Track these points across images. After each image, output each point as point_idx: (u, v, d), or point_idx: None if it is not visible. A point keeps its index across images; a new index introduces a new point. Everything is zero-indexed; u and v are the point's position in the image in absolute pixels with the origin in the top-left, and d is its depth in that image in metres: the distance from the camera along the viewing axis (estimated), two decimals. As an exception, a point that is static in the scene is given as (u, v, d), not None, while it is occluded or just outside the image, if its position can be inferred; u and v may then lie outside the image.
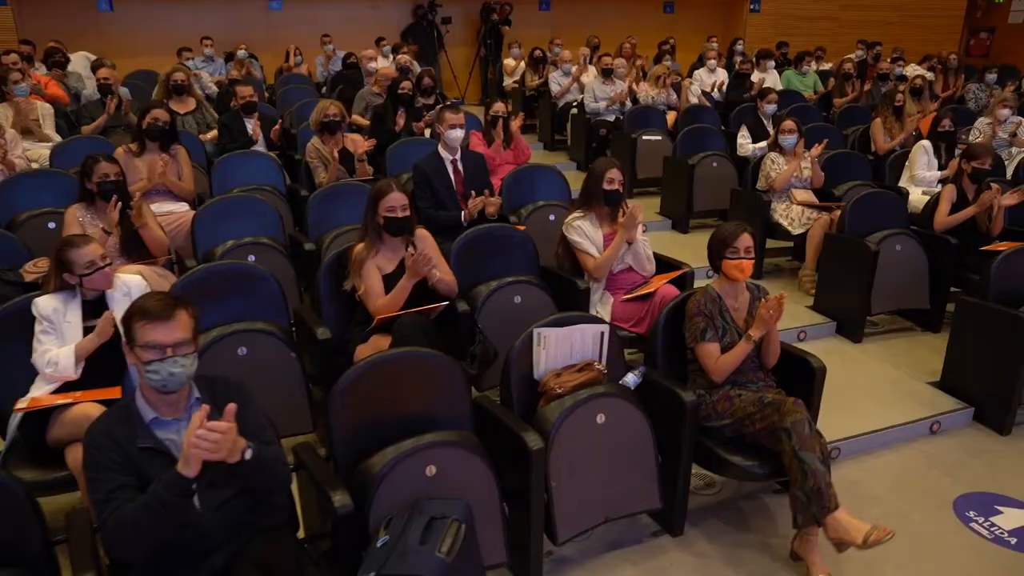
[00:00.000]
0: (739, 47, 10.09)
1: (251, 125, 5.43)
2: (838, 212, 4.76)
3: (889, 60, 8.85)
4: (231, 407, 1.74)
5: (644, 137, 6.68)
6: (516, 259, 3.61)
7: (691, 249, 4.96)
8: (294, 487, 2.18)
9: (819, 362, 2.89)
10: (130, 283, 2.74)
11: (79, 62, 7.74)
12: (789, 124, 5.08)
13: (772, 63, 9.01)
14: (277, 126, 5.56)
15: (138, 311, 1.85)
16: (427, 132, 5.84)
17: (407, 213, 3.07)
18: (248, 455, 1.77)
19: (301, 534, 2.29)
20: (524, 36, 10.98)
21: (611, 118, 7.40)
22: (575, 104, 8.00)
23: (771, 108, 6.19)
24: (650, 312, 3.38)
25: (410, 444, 2.20)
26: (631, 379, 2.75)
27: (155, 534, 1.71)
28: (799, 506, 2.49)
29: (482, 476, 2.30)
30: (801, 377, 2.89)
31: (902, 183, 5.53)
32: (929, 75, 8.49)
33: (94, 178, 3.45)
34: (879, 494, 3.09)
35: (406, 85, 5.75)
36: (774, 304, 2.68)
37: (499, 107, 5.28)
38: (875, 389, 3.84)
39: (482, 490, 2.29)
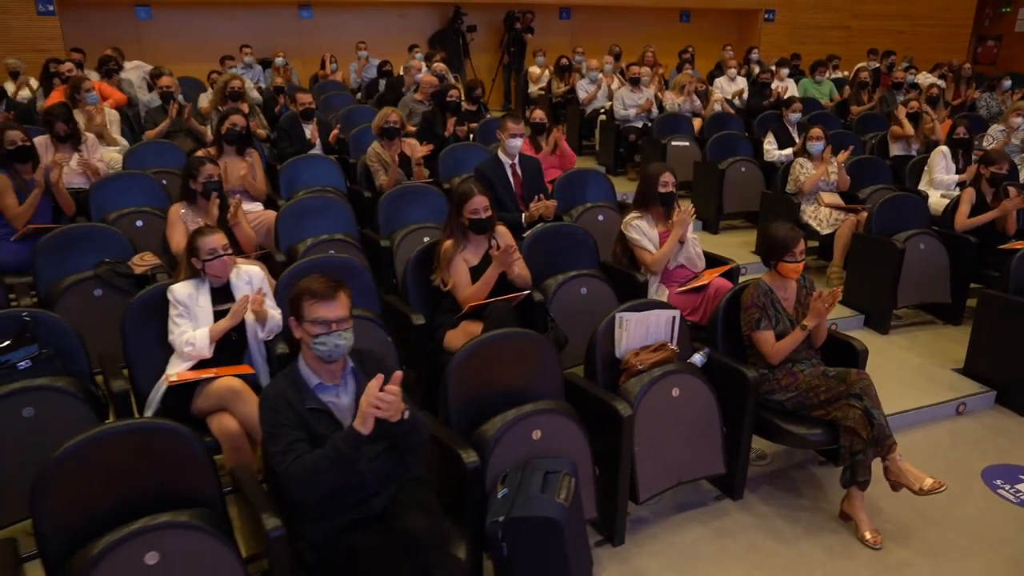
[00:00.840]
0: (755, 56, 10.46)
1: (309, 130, 5.79)
2: (864, 214, 5.11)
3: (902, 69, 9.20)
4: (398, 374, 2.08)
5: (673, 143, 7.02)
6: (579, 254, 3.95)
7: (722, 248, 5.26)
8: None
9: (862, 345, 3.24)
10: (251, 273, 3.08)
11: (130, 70, 8.09)
12: (817, 132, 5.42)
13: (787, 71, 9.38)
14: (335, 131, 5.91)
15: (307, 291, 2.18)
16: (471, 137, 6.20)
17: (489, 213, 3.41)
18: (406, 415, 2.11)
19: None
20: (545, 44, 11.35)
21: (639, 124, 7.75)
22: (603, 111, 8.35)
23: (795, 116, 6.54)
24: (704, 303, 3.72)
25: (529, 408, 2.55)
26: (698, 359, 3.09)
27: (332, 480, 2.04)
28: (857, 464, 2.83)
29: (578, 440, 2.64)
30: (844, 359, 3.23)
31: (921, 186, 5.87)
32: (941, 83, 8.83)
33: (200, 179, 3.77)
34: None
35: (454, 93, 6.10)
36: (828, 298, 3.01)
37: (539, 114, 5.62)
38: (903, 375, 4.17)
39: (578, 452, 2.62)
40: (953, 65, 9.84)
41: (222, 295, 2.98)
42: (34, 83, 7.73)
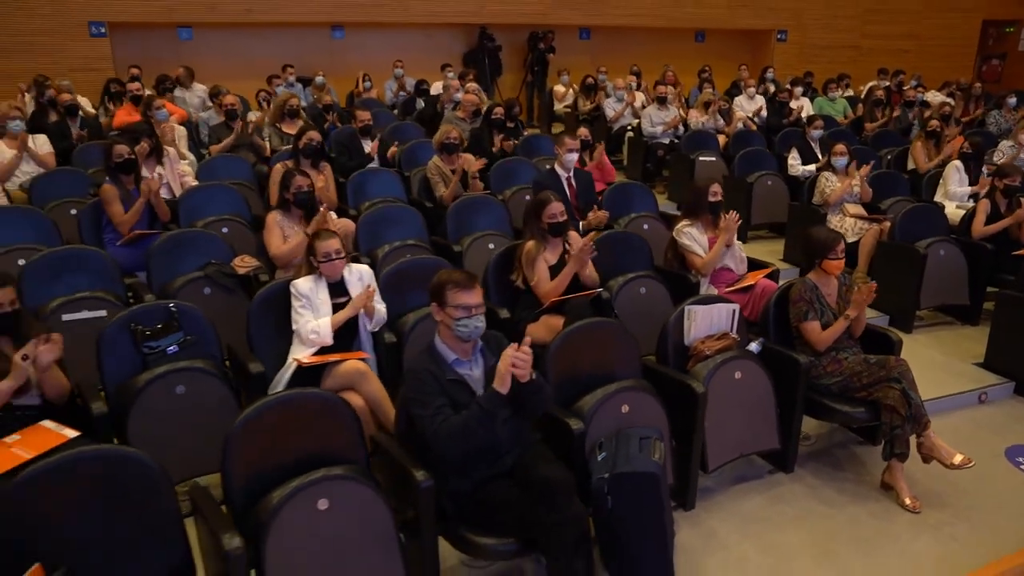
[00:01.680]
0: (770, 75, 10.93)
1: (368, 145, 6.22)
2: (887, 223, 5.52)
3: (911, 87, 9.65)
4: (528, 339, 2.48)
5: (701, 158, 7.44)
6: (636, 258, 4.37)
7: (751, 256, 5.69)
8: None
9: (897, 336, 3.66)
10: (362, 270, 3.50)
11: (195, 90, 8.56)
12: (841, 148, 5.85)
13: (800, 90, 9.84)
14: (394, 148, 6.34)
15: (449, 281, 2.58)
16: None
17: (564, 218, 3.83)
18: (534, 376, 2.51)
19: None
20: (566, 63, 11.82)
21: (666, 141, 8.19)
22: (629, 128, 8.79)
23: (817, 133, 6.98)
24: (751, 301, 4.12)
25: (616, 386, 2.94)
26: (754, 347, 3.50)
27: (477, 437, 2.43)
28: (896, 438, 3.23)
29: (659, 414, 3.04)
30: (881, 349, 3.63)
31: (936, 198, 6.29)
32: (950, 101, 9.27)
33: (291, 189, 4.18)
34: (943, 447, 3.83)
35: (499, 111, 6.54)
36: (867, 291, 3.42)
37: (584, 132, 6.06)
38: (927, 368, 4.56)
39: (659, 424, 3.02)
40: (961, 84, 10.30)
41: (338, 289, 3.39)
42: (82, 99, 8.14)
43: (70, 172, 5.71)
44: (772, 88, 10.10)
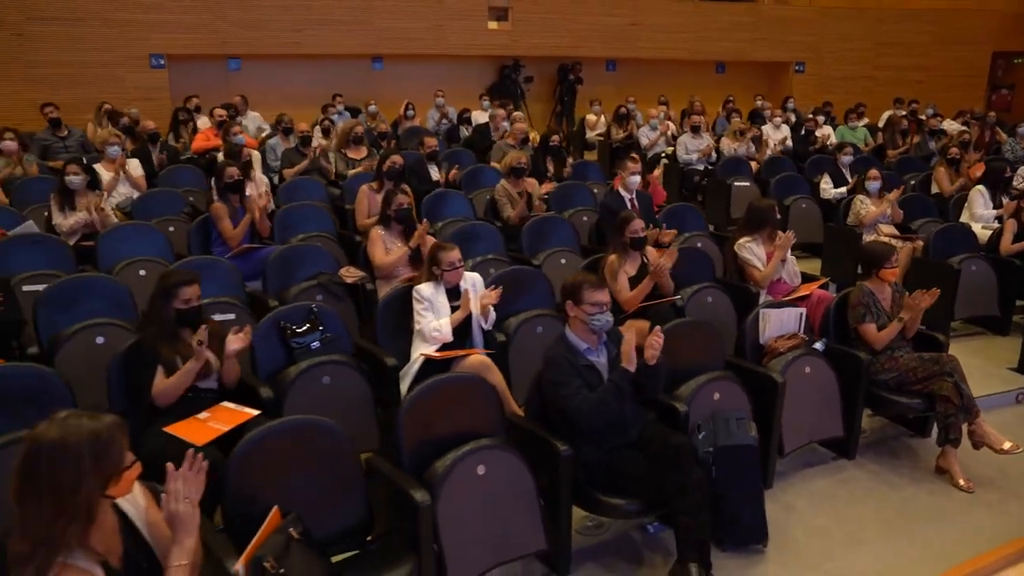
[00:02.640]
0: (790, 104, 11.45)
1: (435, 171, 6.71)
2: (920, 242, 5.98)
3: (928, 116, 10.18)
4: (658, 328, 2.92)
5: (736, 183, 7.92)
6: (700, 271, 4.82)
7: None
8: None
9: (945, 338, 4.09)
10: (474, 278, 3.95)
11: (249, 117, 9.10)
12: (875, 172, 6.33)
13: (823, 119, 10.37)
14: (455, 171, 6.83)
15: (586, 281, 3.04)
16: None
17: (645, 233, 4.29)
18: (654, 362, 2.96)
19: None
20: (593, 93, 12.37)
21: (700, 167, 8.69)
22: (663, 155, 9.30)
23: (847, 159, 7.46)
24: (808, 309, 4.55)
25: (707, 377, 3.38)
26: (819, 345, 3.95)
27: (611, 411, 2.87)
28: (950, 425, 3.66)
29: (743, 401, 3.47)
30: (930, 349, 4.07)
31: (962, 220, 6.75)
32: (967, 129, 9.78)
33: (393, 207, 4.65)
34: (986, 439, 4.24)
35: (556, 139, 7.04)
36: (926, 297, 3.86)
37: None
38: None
39: (745, 408, 3.46)
40: (975, 112, 10.82)
41: (453, 294, 3.85)
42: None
43: (166, 192, 6.20)
44: (793, 117, 10.63)
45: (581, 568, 3.09)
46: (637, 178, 5.52)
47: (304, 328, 3.61)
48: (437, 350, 3.71)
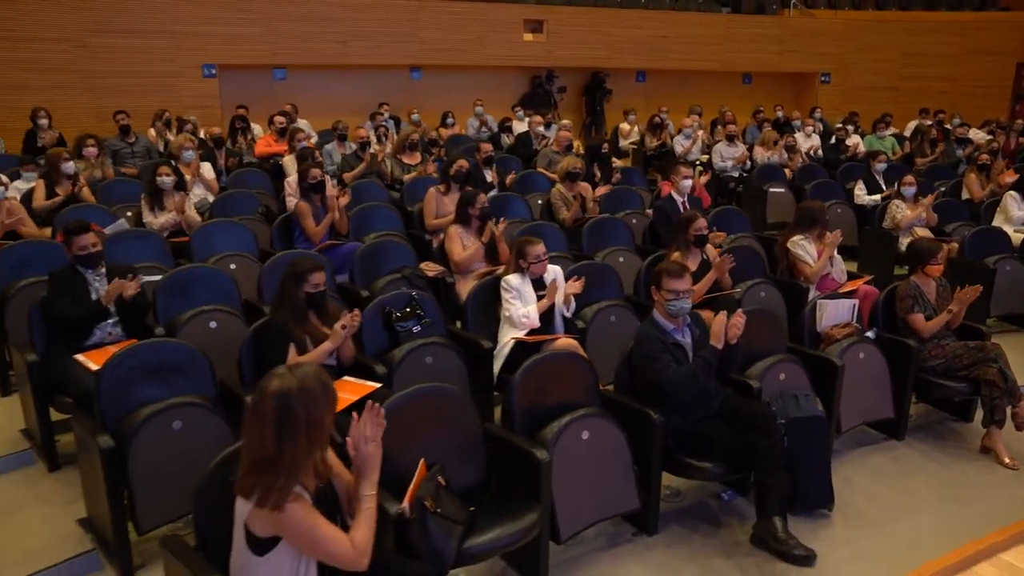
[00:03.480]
0: (817, 114, 11.79)
1: (490, 174, 7.10)
2: (954, 244, 6.30)
3: (955, 125, 10.51)
4: (740, 311, 3.28)
5: (771, 189, 8.28)
6: (752, 268, 5.17)
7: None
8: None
9: (988, 329, 4.42)
10: (555, 270, 4.31)
11: (299, 124, 9.51)
12: (910, 179, 6.67)
13: (852, 128, 10.71)
14: (512, 176, 7.21)
15: (665, 270, 3.40)
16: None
17: (707, 231, 4.65)
18: (736, 341, 3.31)
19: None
20: (622, 103, 12.79)
21: (735, 174, 9.04)
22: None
23: (881, 166, 7.80)
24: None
25: (771, 360, 3.73)
26: (871, 334, 4.29)
27: (699, 383, 3.23)
28: (995, 408, 3.99)
29: (805, 382, 3.82)
30: (973, 339, 4.40)
31: (995, 223, 7.06)
32: (991, 137, 10.10)
33: (477, 207, 5.03)
34: None
35: (606, 147, 7.41)
36: (971, 292, 4.20)
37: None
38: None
39: (808, 388, 3.80)
40: (1001, 122, 11.13)
41: (538, 284, 4.21)
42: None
43: (241, 193, 6.60)
44: (821, 127, 10.97)
45: (666, 529, 3.43)
46: (690, 182, 5.89)
47: (406, 314, 3.98)
48: (525, 335, 4.08)
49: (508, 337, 4.06)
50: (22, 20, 9.93)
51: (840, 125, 10.54)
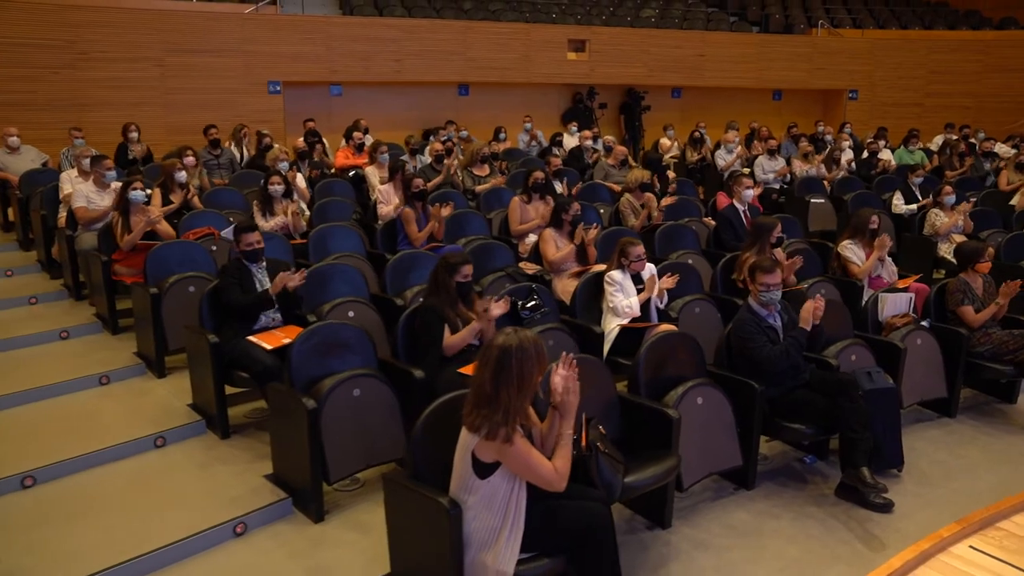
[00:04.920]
0: (848, 129, 12.39)
1: (559, 186, 7.74)
2: (991, 249, 6.86)
3: (982, 140, 11.13)
4: (819, 295, 3.89)
5: (812, 200, 8.87)
6: (812, 267, 5.78)
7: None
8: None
9: (1030, 321, 5.03)
10: (650, 268, 4.93)
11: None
12: (949, 189, 7.27)
13: (883, 143, 11.31)
14: (578, 186, 7.85)
15: (760, 267, 4.01)
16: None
17: (784, 235, 5.27)
18: (820, 323, 3.92)
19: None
20: (659, 118, 13.42)
21: (776, 186, 9.65)
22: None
23: (918, 180, 8.40)
24: (908, 298, 5.50)
25: (844, 343, 4.34)
26: (925, 324, 4.88)
27: (791, 358, 3.85)
28: (1043, 385, 4.59)
29: (872, 361, 4.42)
30: (1017, 327, 4.99)
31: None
32: (1016, 150, 10.67)
33: (570, 213, 5.65)
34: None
35: (668, 160, 8.04)
36: (1014, 285, 4.79)
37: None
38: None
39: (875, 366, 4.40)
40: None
41: (636, 279, 4.84)
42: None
43: (336, 201, 7.26)
44: (851, 142, 11.58)
45: (760, 485, 4.03)
46: (752, 192, 6.52)
47: (530, 303, 4.61)
48: (628, 323, 4.70)
49: (614, 324, 4.68)
50: (109, 42, 10.66)
51: (871, 140, 11.13)
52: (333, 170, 8.93)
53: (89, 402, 4.83)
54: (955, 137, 11.95)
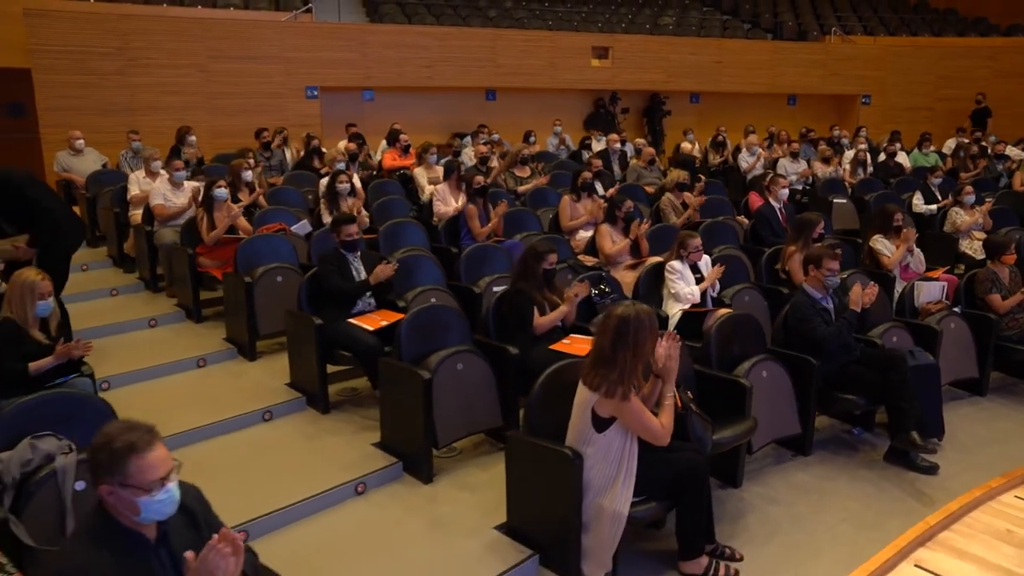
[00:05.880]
0: (864, 133, 12.87)
1: (600, 188, 8.20)
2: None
3: (994, 143, 11.62)
4: (872, 283, 4.35)
5: (835, 200, 9.34)
6: (847, 259, 6.23)
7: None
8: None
9: (1051, 309, 5.49)
10: (706, 258, 5.40)
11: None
12: (970, 189, 7.75)
13: (898, 146, 11.79)
14: (616, 187, 8.32)
15: (825, 255, 4.45)
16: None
17: (825, 232, 5.73)
18: (868, 306, 4.39)
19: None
20: (677, 123, 13.91)
21: (799, 187, 10.12)
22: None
23: (937, 180, 8.88)
24: (938, 288, 5.97)
25: (887, 325, 4.80)
26: (957, 310, 5.35)
27: (844, 337, 4.31)
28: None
29: (911, 342, 4.87)
30: (1039, 318, 5.47)
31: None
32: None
33: (623, 209, 6.11)
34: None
35: (699, 160, 8.50)
36: None
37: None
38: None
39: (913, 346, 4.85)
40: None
41: (693, 268, 5.30)
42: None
43: (392, 199, 7.73)
44: (867, 145, 12.06)
45: (816, 453, 4.49)
46: (787, 191, 6.99)
47: (601, 289, 5.08)
48: (689, 308, 5.16)
49: (676, 309, 5.14)
50: (157, 49, 11.12)
51: (886, 143, 11.62)
52: (375, 171, 9.39)
53: (193, 381, 5.28)
54: (966, 140, 12.44)
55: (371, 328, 4.68)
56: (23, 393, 3.35)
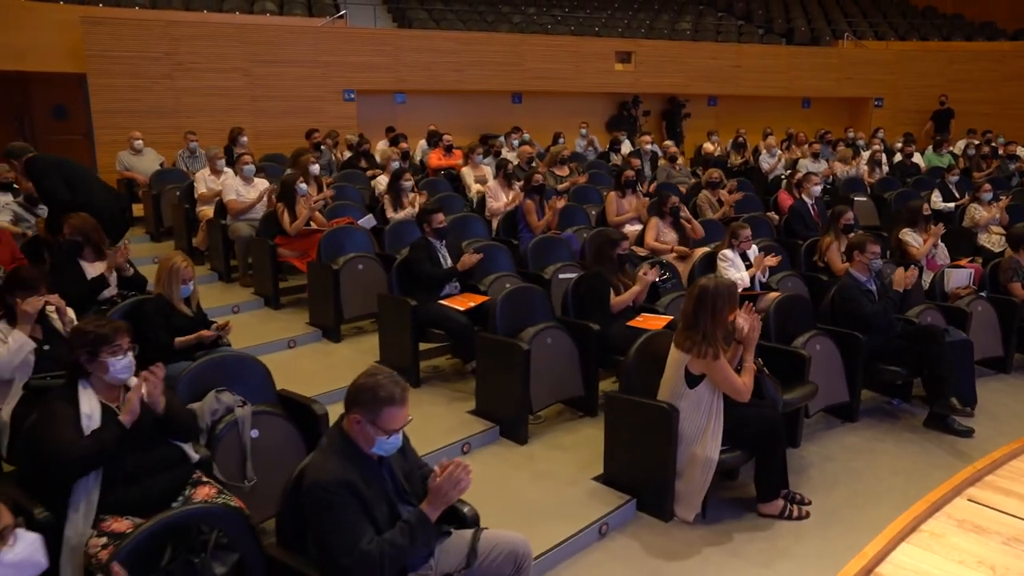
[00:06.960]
0: (880, 134, 13.42)
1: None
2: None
3: (1005, 144, 12.19)
4: (913, 267, 4.88)
5: (856, 198, 9.87)
6: (880, 251, 6.78)
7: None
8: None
9: (1068, 294, 6.02)
10: (755, 247, 5.93)
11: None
12: (988, 186, 8.28)
13: (913, 147, 12.34)
14: (653, 185, 8.85)
15: (868, 240, 4.98)
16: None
17: (853, 221, 6.26)
18: (910, 288, 4.92)
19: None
20: (696, 125, 14.46)
21: (820, 186, 10.64)
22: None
23: (954, 179, 9.42)
24: (963, 276, 6.50)
25: (921, 307, 5.33)
26: (984, 294, 5.88)
27: (888, 315, 4.84)
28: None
29: (943, 321, 5.40)
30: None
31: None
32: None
33: (668, 205, 6.64)
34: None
35: (732, 161, 9.05)
36: None
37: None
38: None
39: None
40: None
41: (743, 256, 5.83)
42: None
43: (448, 196, 8.26)
44: (882, 146, 12.62)
45: (861, 420, 5.01)
46: (819, 188, 7.53)
47: (664, 276, 5.61)
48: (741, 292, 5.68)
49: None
50: (201, 54, 11.63)
51: (901, 144, 12.19)
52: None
53: (288, 359, 5.79)
54: (977, 141, 13.00)
55: (462, 308, 5.20)
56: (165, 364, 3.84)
